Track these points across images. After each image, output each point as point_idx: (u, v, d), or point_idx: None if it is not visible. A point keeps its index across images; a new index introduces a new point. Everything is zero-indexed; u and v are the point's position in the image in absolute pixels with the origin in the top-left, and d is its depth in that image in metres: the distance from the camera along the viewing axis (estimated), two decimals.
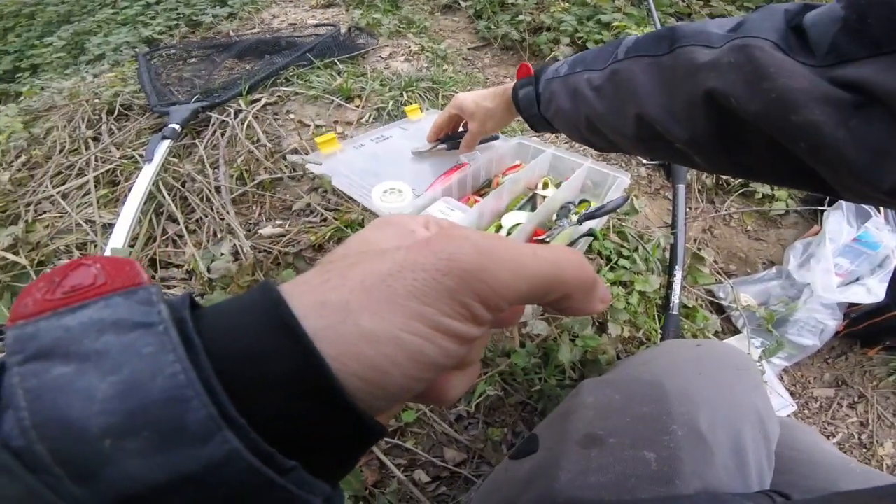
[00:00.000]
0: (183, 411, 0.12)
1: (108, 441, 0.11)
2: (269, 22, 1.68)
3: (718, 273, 1.11)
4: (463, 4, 2.00)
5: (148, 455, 0.11)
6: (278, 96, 1.10)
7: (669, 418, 0.40)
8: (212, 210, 0.92)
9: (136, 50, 1.61)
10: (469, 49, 1.80)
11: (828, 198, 1.14)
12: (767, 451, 0.43)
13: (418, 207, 0.77)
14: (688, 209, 1.19)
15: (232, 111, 1.07)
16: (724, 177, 1.21)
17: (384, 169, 0.90)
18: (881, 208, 1.06)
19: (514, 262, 0.16)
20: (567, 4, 1.78)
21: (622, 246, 0.93)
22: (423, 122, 1.08)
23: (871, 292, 1.01)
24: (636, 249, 0.94)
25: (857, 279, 1.05)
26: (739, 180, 1.22)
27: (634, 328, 0.90)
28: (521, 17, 1.77)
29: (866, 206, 1.06)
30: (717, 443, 0.39)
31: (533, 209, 0.88)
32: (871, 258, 1.03)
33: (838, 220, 1.05)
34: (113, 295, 0.13)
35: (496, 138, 1.01)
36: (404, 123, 1.06)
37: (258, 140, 1.00)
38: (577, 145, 1.40)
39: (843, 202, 1.08)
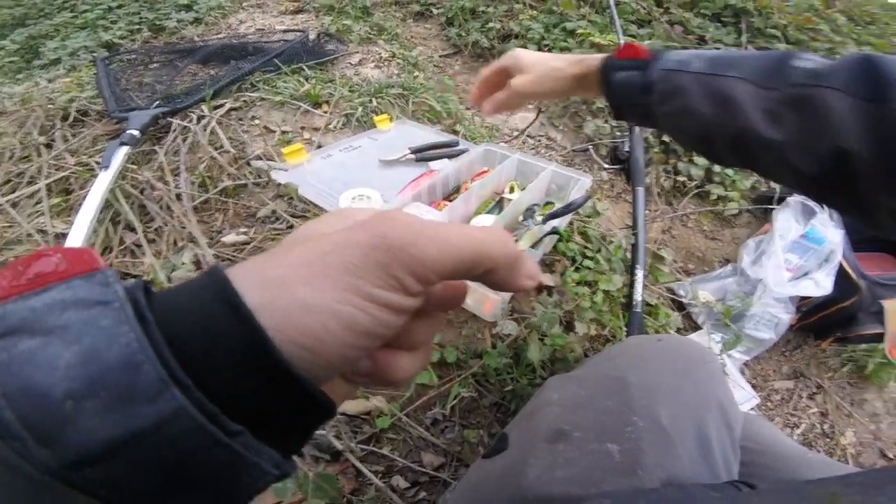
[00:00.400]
0: (136, 374, 0.13)
1: (70, 403, 0.12)
2: (235, 27, 1.66)
3: (678, 272, 1.15)
4: (435, 12, 2.02)
5: (105, 413, 0.12)
6: (243, 101, 1.09)
7: (631, 411, 0.41)
8: (172, 218, 0.90)
9: (95, 55, 1.56)
10: (440, 56, 1.81)
11: (776, 197, 1.20)
12: (731, 441, 0.44)
13: None
14: (647, 211, 1.23)
15: (194, 117, 1.05)
16: (681, 179, 1.26)
17: (353, 177, 0.90)
18: (824, 205, 1.12)
19: (441, 238, 0.17)
20: (535, 12, 1.82)
21: (586, 247, 0.96)
22: (392, 132, 1.08)
23: (820, 286, 1.06)
24: (599, 250, 0.97)
25: (806, 273, 1.11)
26: (695, 182, 1.27)
27: (600, 326, 0.93)
28: (490, 25, 1.80)
29: (811, 204, 1.12)
30: (680, 433, 0.40)
31: (501, 212, 0.90)
32: (817, 253, 1.09)
33: (787, 218, 1.11)
34: (73, 279, 0.14)
35: (457, 144, 1.03)
36: (374, 133, 1.06)
37: (221, 146, 0.98)
38: (542, 150, 1.44)
39: (790, 199, 1.13)
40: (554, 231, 0.84)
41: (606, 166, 1.26)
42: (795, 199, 1.12)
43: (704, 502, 0.26)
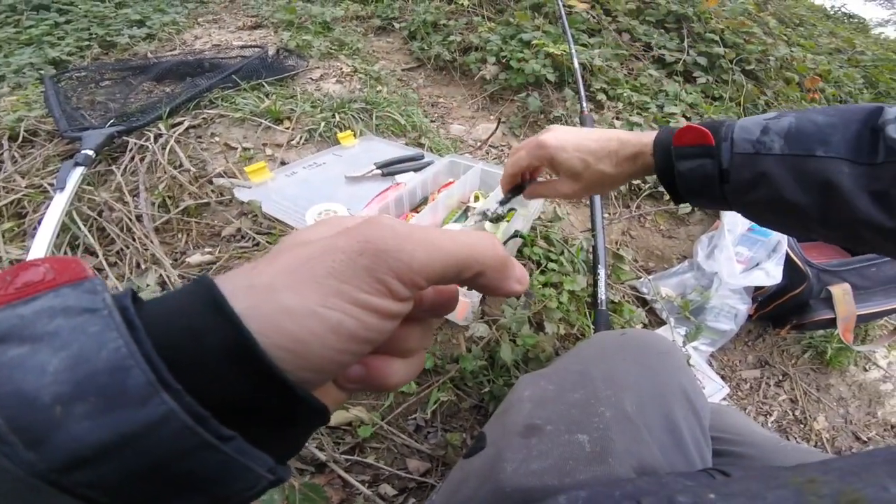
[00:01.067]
0: (125, 378, 0.13)
1: (59, 407, 0.12)
2: (191, 43, 1.63)
3: (639, 270, 1.21)
4: (397, 26, 2.04)
5: (94, 417, 0.13)
6: (202, 119, 1.07)
7: (597, 402, 0.43)
8: (133, 240, 0.87)
9: (42, 72, 1.49)
10: (403, 70, 1.84)
11: None
12: (701, 428, 0.45)
13: None
14: (607, 214, 1.28)
15: (151, 135, 1.02)
16: (636, 182, 1.33)
17: (318, 194, 0.90)
18: None
19: (429, 242, 0.18)
20: (493, 24, 1.87)
21: (549, 250, 1.00)
22: (356, 148, 1.09)
23: (770, 275, 1.13)
24: (562, 253, 1.01)
25: (757, 264, 1.18)
26: (649, 184, 1.33)
27: (569, 325, 0.96)
28: (451, 38, 1.83)
29: None
30: (648, 421, 0.41)
31: (466, 221, 0.92)
32: (765, 244, 1.17)
33: (733, 214, 1.18)
34: (62, 287, 0.15)
35: (422, 157, 1.05)
36: (338, 150, 1.06)
37: (181, 165, 0.96)
38: (505, 158, 1.48)
39: None
40: (517, 234, 0.87)
41: None
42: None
43: (678, 490, 0.27)
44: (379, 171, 0.96)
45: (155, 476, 0.14)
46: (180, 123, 1.05)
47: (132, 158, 1.00)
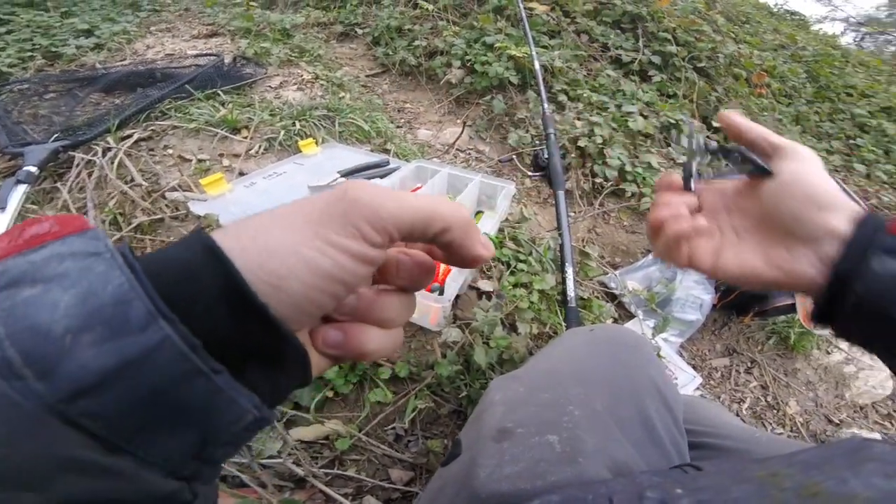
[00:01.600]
0: (127, 309, 0.15)
1: (69, 337, 0.14)
2: (142, 53, 1.57)
3: (606, 266, 1.23)
4: (360, 32, 2.02)
5: (99, 344, 0.14)
6: (152, 130, 1.03)
7: (567, 401, 0.43)
8: None
9: None
10: (367, 76, 1.82)
11: None
12: (674, 420, 0.45)
13: None
14: (573, 213, 1.31)
15: (99, 149, 0.98)
16: (599, 180, 1.36)
17: (279, 204, 0.88)
18: None
19: (399, 197, 0.20)
20: (458, 28, 1.87)
21: (518, 251, 1.00)
22: (319, 156, 1.07)
23: None
24: (531, 253, 1.02)
25: None
26: (611, 182, 1.37)
27: (541, 324, 0.97)
28: (417, 43, 1.83)
29: None
30: (620, 417, 0.41)
31: None
32: None
33: None
34: (68, 236, 0.16)
35: (387, 164, 1.04)
36: (299, 158, 1.04)
37: (132, 179, 0.92)
38: (472, 162, 1.49)
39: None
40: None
41: (530, 174, 1.33)
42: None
43: (648, 486, 0.27)
44: (343, 180, 0.94)
45: (149, 405, 0.15)
46: (130, 136, 1.01)
47: (79, 174, 0.95)
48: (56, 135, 0.99)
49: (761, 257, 0.36)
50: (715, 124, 1.67)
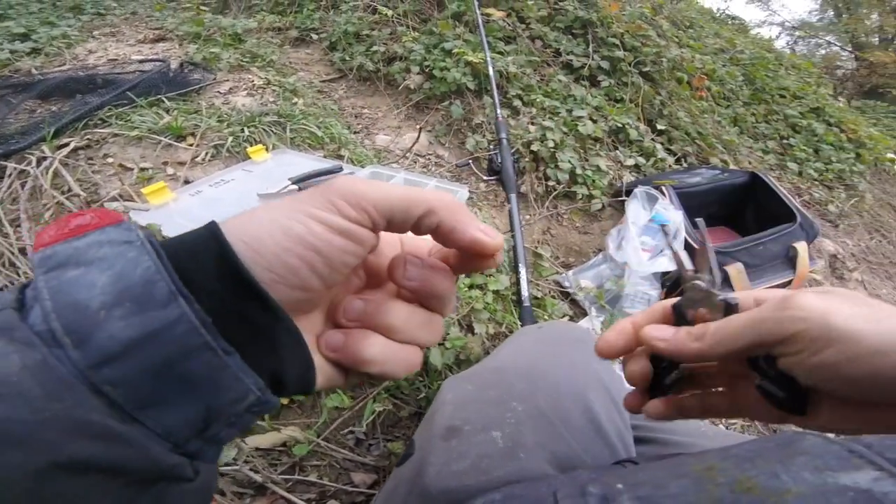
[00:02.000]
0: (152, 289, 0.17)
1: (103, 312, 0.16)
2: (83, 58, 1.51)
3: (560, 266, 1.27)
4: (315, 37, 2.00)
5: (127, 318, 0.16)
6: (88, 139, 1.00)
7: (511, 397, 0.44)
8: (18, 275, 0.79)
9: None
10: (323, 81, 1.81)
11: (623, 189, 1.39)
12: (620, 414, 0.46)
13: None
14: (528, 215, 1.35)
15: (34, 159, 0.94)
16: (551, 183, 1.40)
17: (227, 213, 0.85)
18: (665, 191, 1.32)
19: (382, 185, 0.22)
20: (417, 34, 1.87)
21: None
22: (269, 162, 1.05)
23: (672, 260, 1.24)
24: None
25: (661, 251, 1.29)
26: (563, 185, 1.41)
27: (497, 324, 0.99)
28: (375, 48, 1.81)
29: (653, 192, 1.31)
30: (562, 413, 0.42)
31: None
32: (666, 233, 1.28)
33: (636, 207, 1.29)
34: (105, 227, 0.19)
35: (341, 170, 1.04)
36: (248, 165, 1.02)
37: (69, 189, 0.89)
38: (431, 167, 1.51)
39: (636, 191, 1.32)
40: None
41: (485, 178, 1.36)
42: (640, 190, 1.31)
43: (589, 481, 0.27)
44: (295, 187, 0.93)
45: (162, 375, 0.17)
46: (67, 145, 0.97)
47: (11, 185, 0.91)
48: None
49: None
50: (660, 127, 1.76)
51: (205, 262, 0.19)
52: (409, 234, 0.23)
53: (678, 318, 0.32)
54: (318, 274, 0.20)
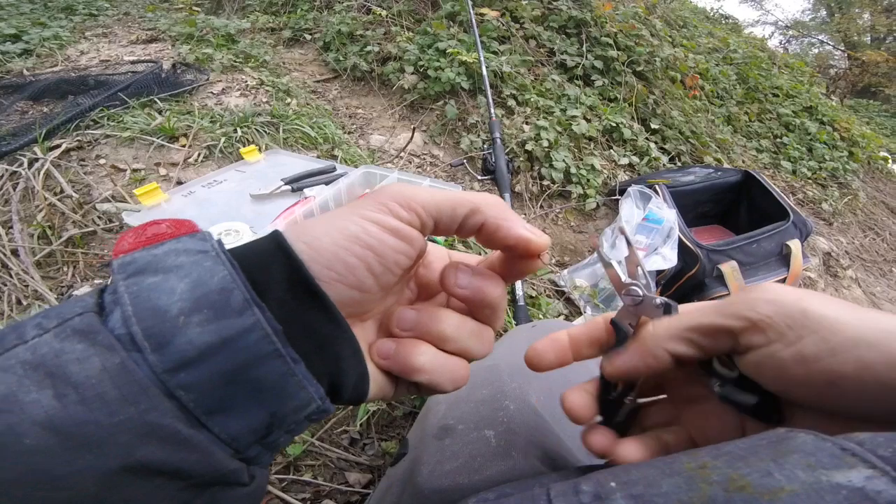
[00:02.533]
0: (229, 297, 0.17)
1: (182, 318, 0.17)
2: (75, 59, 1.50)
3: (555, 265, 1.28)
4: (309, 37, 2.00)
5: (205, 324, 0.17)
6: (80, 140, 0.99)
7: (503, 396, 0.44)
8: (10, 276, 0.79)
9: None
10: (316, 81, 1.80)
11: (618, 188, 1.39)
12: None
13: None
14: (523, 214, 1.35)
15: (25, 160, 0.93)
16: (546, 182, 1.41)
17: (220, 214, 0.85)
18: (659, 190, 1.32)
19: (429, 189, 0.23)
20: (411, 34, 1.88)
21: (468, 252, 1.03)
22: (262, 163, 1.05)
23: (667, 259, 1.24)
24: (480, 254, 1.04)
25: (655, 250, 1.29)
26: (557, 184, 1.42)
27: None
28: (369, 48, 1.82)
29: (647, 191, 1.31)
30: (557, 410, 0.41)
31: None
32: (660, 231, 1.28)
33: (629, 206, 1.29)
34: (182, 236, 0.19)
35: (334, 170, 1.04)
36: (241, 166, 1.01)
37: (62, 191, 0.88)
38: (427, 167, 1.51)
39: (630, 190, 1.32)
40: (430, 238, 0.89)
41: (480, 177, 1.37)
42: (634, 189, 1.31)
43: (582, 479, 0.27)
44: (288, 187, 0.93)
45: (234, 379, 0.17)
46: (59, 146, 0.97)
47: (3, 186, 0.90)
48: None
49: None
50: (653, 126, 1.77)
51: (274, 272, 0.19)
52: (457, 253, 0.25)
53: (619, 334, 0.27)
54: (373, 272, 0.21)
